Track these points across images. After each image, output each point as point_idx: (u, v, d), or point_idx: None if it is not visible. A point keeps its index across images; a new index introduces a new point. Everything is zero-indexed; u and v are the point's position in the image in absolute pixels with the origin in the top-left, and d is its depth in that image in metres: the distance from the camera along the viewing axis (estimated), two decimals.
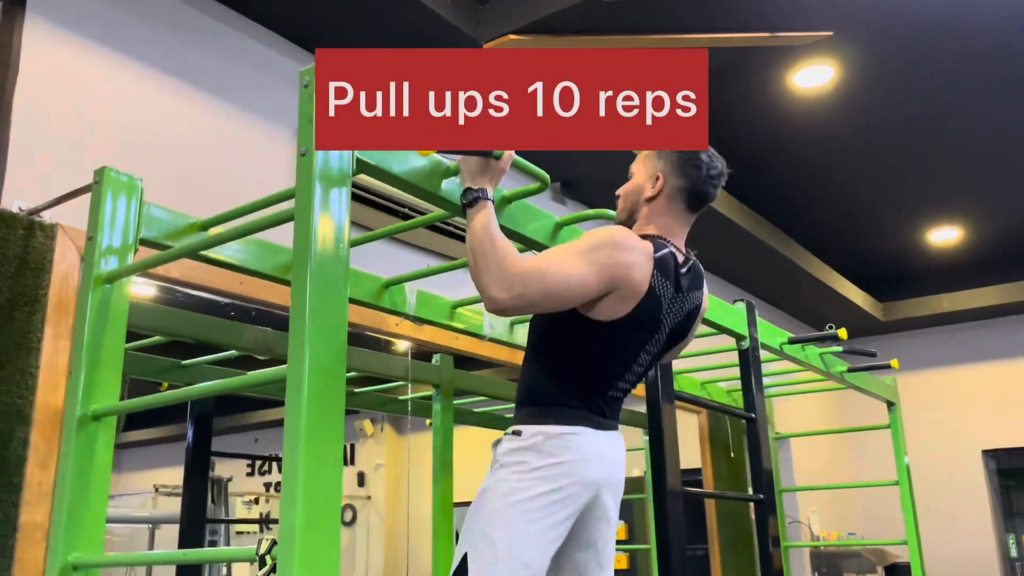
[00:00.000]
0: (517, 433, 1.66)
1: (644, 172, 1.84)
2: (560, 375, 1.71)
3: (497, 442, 1.69)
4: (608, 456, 1.71)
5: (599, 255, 1.61)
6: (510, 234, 1.85)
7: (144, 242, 1.73)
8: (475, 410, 3.52)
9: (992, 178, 4.93)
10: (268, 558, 1.23)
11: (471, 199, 1.59)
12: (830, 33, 3.37)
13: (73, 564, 1.47)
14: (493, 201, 1.61)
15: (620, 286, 1.63)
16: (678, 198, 1.79)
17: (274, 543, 1.23)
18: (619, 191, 1.90)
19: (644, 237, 1.74)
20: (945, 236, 5.84)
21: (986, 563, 6.60)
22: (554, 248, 1.75)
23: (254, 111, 2.85)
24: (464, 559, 1.58)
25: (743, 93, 3.93)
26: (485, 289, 1.55)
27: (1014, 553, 6.74)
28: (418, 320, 2.45)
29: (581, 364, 1.71)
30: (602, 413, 1.73)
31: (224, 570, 3.55)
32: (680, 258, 1.77)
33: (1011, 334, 6.92)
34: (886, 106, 4.06)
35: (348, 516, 4.16)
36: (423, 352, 3.02)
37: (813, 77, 3.77)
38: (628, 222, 1.85)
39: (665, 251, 1.72)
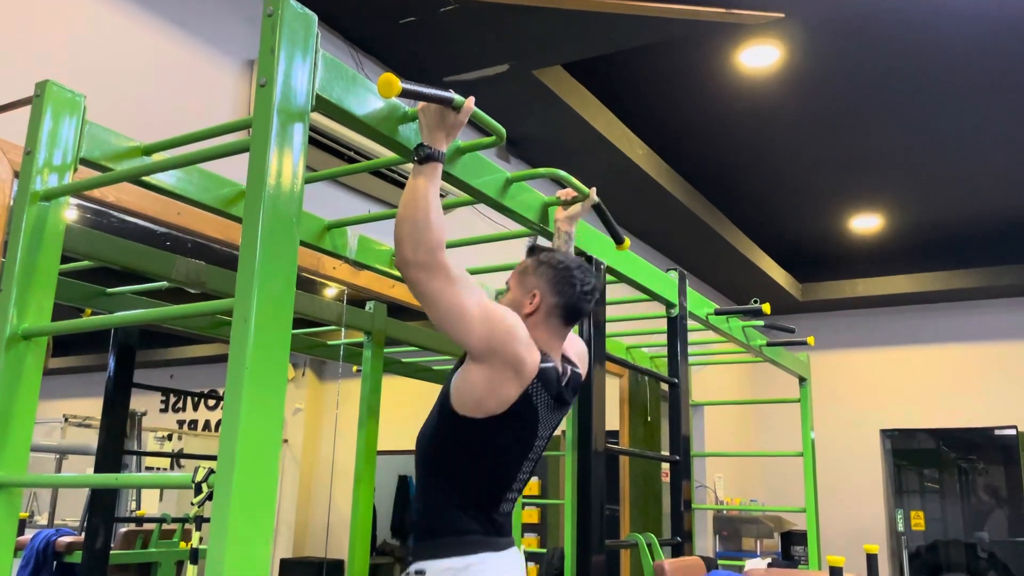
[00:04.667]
0: (421, 573, 1.69)
1: (521, 289, 1.86)
2: (453, 497, 1.74)
3: None
4: None
5: (499, 314, 1.67)
6: (461, 185, 1.86)
7: (84, 162, 1.68)
8: (404, 360, 3.54)
9: (916, 171, 5.13)
10: (204, 486, 1.23)
11: (425, 155, 1.60)
12: (782, 15, 3.44)
13: None
14: (443, 162, 1.62)
15: (500, 352, 1.66)
16: (554, 315, 1.83)
17: (211, 472, 1.23)
18: None
19: None
20: (866, 224, 6.06)
21: (875, 534, 7.01)
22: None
23: (202, 39, 2.77)
24: None
25: (690, 66, 3.99)
26: (403, 243, 1.57)
27: (901, 527, 7.16)
28: (358, 265, 2.44)
29: (470, 474, 1.75)
30: (499, 531, 1.77)
31: (133, 504, 3.51)
32: (560, 371, 1.82)
33: (918, 322, 7.28)
34: (825, 93, 4.18)
35: None
36: (355, 298, 3.01)
37: (759, 57, 3.84)
38: None
39: (549, 365, 1.77)
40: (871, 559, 2.55)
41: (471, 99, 1.62)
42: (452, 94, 1.58)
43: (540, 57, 3.51)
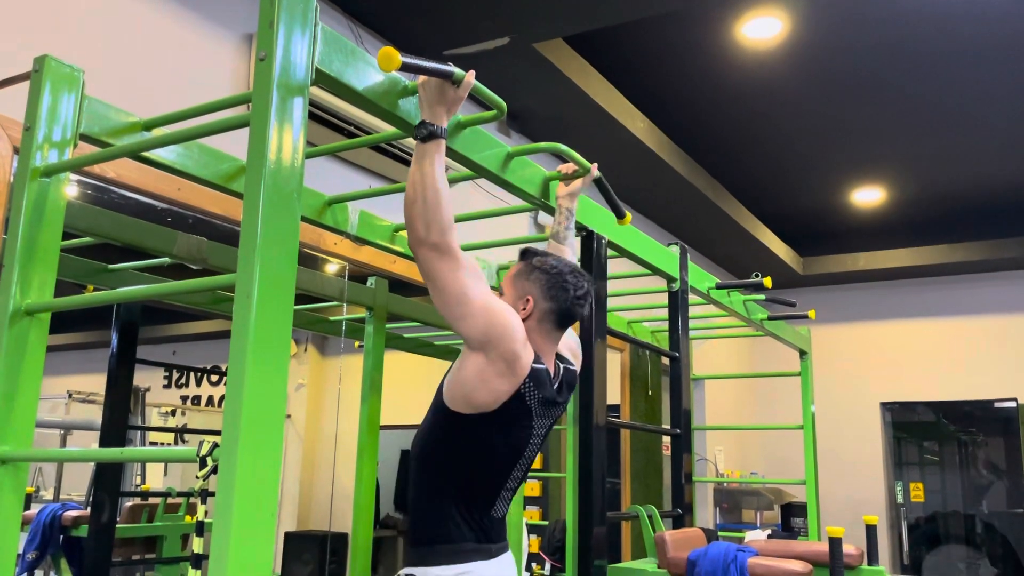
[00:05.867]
0: None
1: (514, 293, 1.86)
2: (446, 494, 1.75)
3: None
4: None
5: (499, 308, 1.68)
6: (462, 160, 1.85)
7: (84, 137, 1.68)
8: (406, 335, 3.55)
9: (918, 144, 5.11)
10: (209, 459, 1.25)
11: (427, 133, 1.60)
12: None
13: (2, 458, 1.46)
14: (445, 138, 1.62)
15: (496, 344, 1.67)
16: (548, 319, 1.83)
17: (215, 445, 1.24)
18: None
19: None
20: (868, 197, 6.04)
21: (875, 506, 7.06)
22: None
23: (202, 13, 2.75)
24: None
25: (692, 39, 3.96)
26: (415, 222, 1.59)
27: (900, 499, 7.22)
28: (359, 240, 2.44)
29: (463, 474, 1.75)
30: (491, 538, 1.78)
31: (138, 479, 3.54)
32: (551, 372, 1.83)
33: (919, 295, 7.28)
34: (827, 65, 4.15)
35: None
36: (357, 274, 3.02)
37: (762, 29, 3.81)
38: None
39: (541, 366, 1.77)
40: (870, 530, 2.57)
41: (471, 73, 1.61)
42: (452, 68, 1.57)
43: (541, 30, 3.48)
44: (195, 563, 1.31)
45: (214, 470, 1.24)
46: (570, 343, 2.01)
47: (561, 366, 1.88)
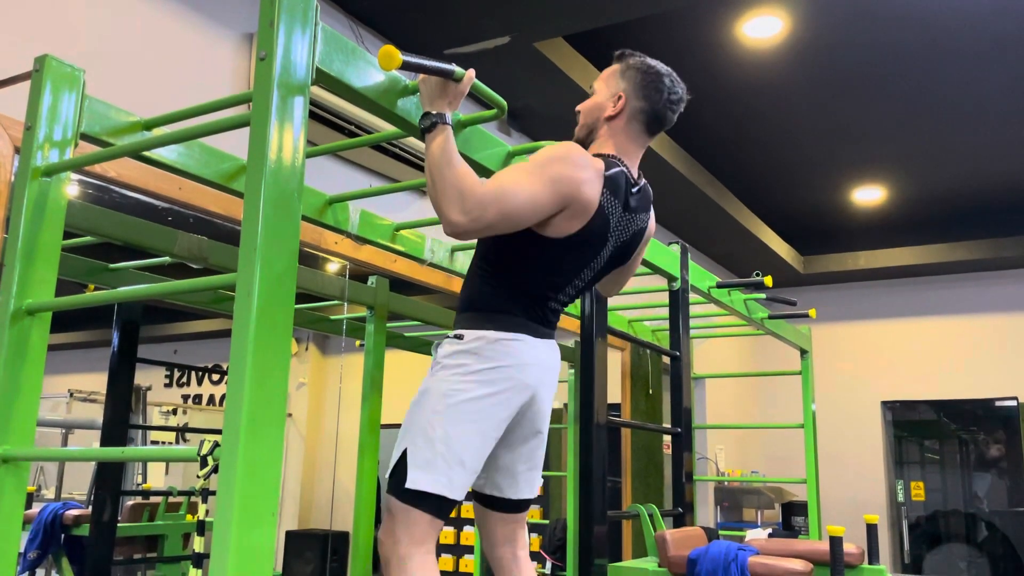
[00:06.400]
0: (459, 337, 1.70)
1: (606, 91, 1.83)
2: (504, 284, 1.74)
3: (438, 344, 1.73)
4: (545, 363, 1.76)
5: (551, 170, 1.64)
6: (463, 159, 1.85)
7: (84, 137, 1.68)
8: (407, 334, 3.55)
9: (919, 143, 5.11)
10: (210, 459, 1.25)
11: (430, 123, 1.60)
12: None
13: (3, 457, 1.46)
14: (451, 125, 1.61)
15: (571, 203, 1.66)
16: (637, 119, 1.80)
17: (216, 445, 1.24)
18: (579, 107, 1.90)
19: (598, 156, 1.76)
20: (869, 196, 6.04)
21: (876, 505, 7.06)
22: (508, 168, 1.76)
23: (202, 12, 2.75)
24: (404, 455, 1.63)
25: (692, 37, 3.96)
26: (444, 212, 1.56)
27: (901, 498, 7.21)
28: (360, 240, 2.44)
29: (525, 275, 1.74)
30: (541, 321, 1.77)
31: (139, 478, 3.54)
32: (632, 178, 1.80)
33: (920, 294, 7.28)
34: (828, 64, 4.15)
35: None
36: (358, 273, 3.02)
37: (763, 28, 3.81)
38: (586, 140, 1.86)
39: (616, 170, 1.74)
40: (871, 529, 2.57)
41: (471, 71, 1.61)
42: (453, 66, 1.58)
43: (541, 29, 3.48)
44: (196, 562, 1.31)
45: (215, 469, 1.24)
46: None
47: (643, 180, 1.85)
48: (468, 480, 1.67)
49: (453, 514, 3.57)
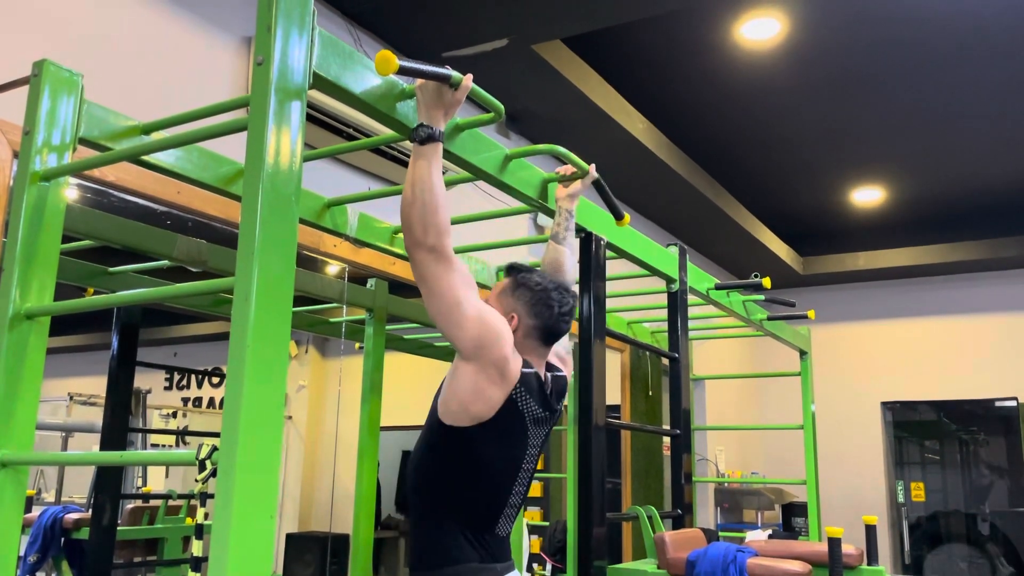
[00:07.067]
0: None
1: (500, 309, 1.86)
2: (447, 516, 1.74)
3: None
4: None
5: (491, 316, 1.70)
6: (460, 163, 1.86)
7: (83, 141, 1.68)
8: (406, 336, 3.55)
9: (918, 143, 5.12)
10: (208, 463, 1.25)
11: (425, 136, 1.60)
12: None
13: (3, 461, 1.46)
14: (443, 141, 1.63)
15: (488, 352, 1.68)
16: (533, 336, 1.84)
17: (214, 448, 1.25)
18: None
19: None
20: (868, 197, 6.04)
21: (876, 506, 7.06)
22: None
23: (200, 17, 2.75)
24: None
25: (690, 39, 3.97)
26: (413, 225, 1.59)
27: (901, 499, 7.21)
28: (358, 243, 2.45)
29: (463, 494, 1.75)
30: (495, 557, 1.77)
31: (139, 481, 3.55)
32: (542, 377, 1.83)
33: (919, 294, 7.28)
34: (826, 65, 4.15)
35: None
36: (357, 276, 3.02)
37: (760, 30, 3.82)
38: None
39: (530, 371, 1.78)
40: (869, 530, 2.58)
41: (469, 76, 1.62)
42: (450, 71, 1.58)
43: (539, 31, 3.48)
44: (195, 565, 1.31)
45: (213, 473, 1.24)
46: (558, 350, 2.01)
47: (550, 375, 1.89)
48: None
49: None
